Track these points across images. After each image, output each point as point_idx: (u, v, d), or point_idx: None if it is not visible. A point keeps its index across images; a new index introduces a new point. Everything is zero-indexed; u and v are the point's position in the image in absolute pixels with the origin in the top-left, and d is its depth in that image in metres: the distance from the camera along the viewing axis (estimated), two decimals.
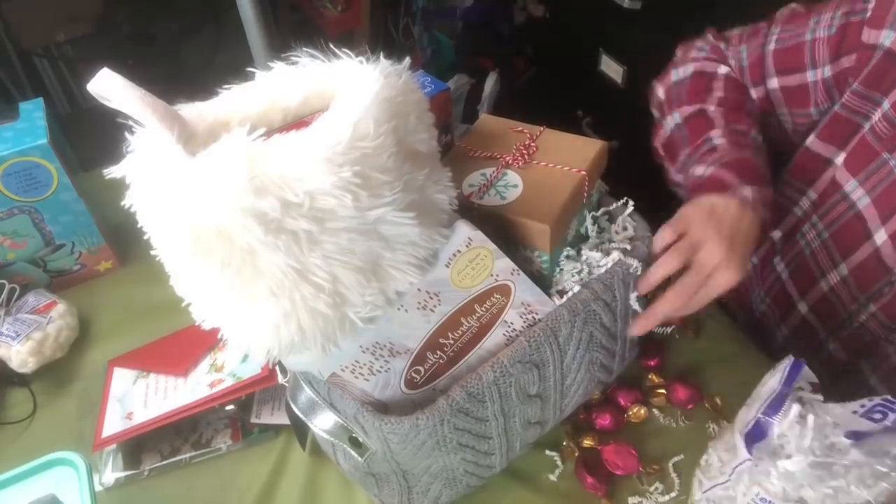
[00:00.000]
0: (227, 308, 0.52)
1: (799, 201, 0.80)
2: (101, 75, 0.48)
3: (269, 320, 0.51)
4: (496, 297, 0.61)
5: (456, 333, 0.61)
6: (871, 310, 0.72)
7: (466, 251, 0.59)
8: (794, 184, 0.81)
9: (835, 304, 0.76)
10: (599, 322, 0.65)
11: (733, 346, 0.83)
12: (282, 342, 0.52)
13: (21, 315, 0.88)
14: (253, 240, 0.47)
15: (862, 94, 0.70)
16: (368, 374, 0.58)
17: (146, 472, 0.76)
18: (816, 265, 0.77)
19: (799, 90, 0.78)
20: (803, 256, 0.79)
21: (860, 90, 0.70)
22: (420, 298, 0.58)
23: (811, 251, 0.78)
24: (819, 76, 0.75)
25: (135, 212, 0.51)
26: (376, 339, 0.58)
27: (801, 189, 0.79)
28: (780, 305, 0.85)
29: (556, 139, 0.71)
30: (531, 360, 0.61)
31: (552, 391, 0.66)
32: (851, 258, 0.73)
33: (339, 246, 0.50)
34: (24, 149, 0.86)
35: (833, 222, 0.74)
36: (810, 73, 0.76)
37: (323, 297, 0.50)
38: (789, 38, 0.78)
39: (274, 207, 0.46)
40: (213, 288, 0.51)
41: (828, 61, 0.73)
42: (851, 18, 0.71)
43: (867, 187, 0.70)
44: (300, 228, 0.47)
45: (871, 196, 0.70)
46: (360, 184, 0.48)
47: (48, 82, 2.23)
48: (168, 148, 0.49)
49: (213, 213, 0.46)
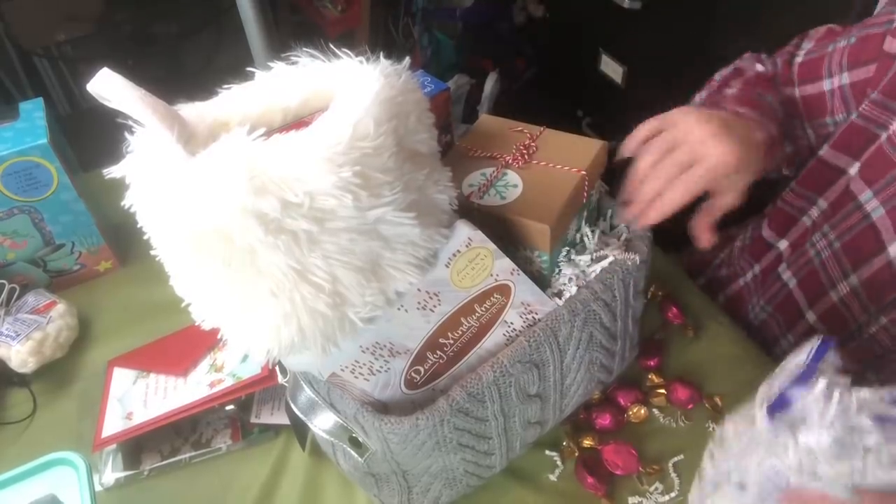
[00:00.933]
0: (226, 308, 0.52)
1: (808, 211, 0.79)
2: (100, 75, 0.48)
3: (269, 320, 0.51)
4: (496, 296, 0.61)
5: (456, 333, 0.61)
6: (881, 322, 0.71)
7: (466, 251, 0.59)
8: (804, 193, 0.80)
9: (844, 315, 0.75)
10: (599, 322, 0.65)
11: (733, 347, 0.83)
12: (282, 342, 0.52)
13: (21, 315, 0.88)
14: (253, 240, 0.47)
15: (880, 103, 0.69)
16: (368, 374, 0.58)
17: (146, 472, 0.76)
18: (826, 275, 0.76)
19: (816, 99, 0.78)
20: (813, 265, 0.78)
21: (879, 99, 0.70)
22: (420, 298, 0.58)
23: (821, 260, 0.76)
24: (836, 84, 0.75)
25: (134, 212, 0.51)
26: (376, 340, 0.58)
27: (812, 199, 0.79)
28: (785, 314, 0.84)
29: (556, 139, 0.71)
30: (531, 360, 0.61)
31: (552, 391, 0.66)
32: (863, 269, 0.71)
33: (339, 246, 0.50)
34: (24, 149, 0.86)
35: (846, 232, 0.73)
36: (826, 82, 0.76)
37: (323, 298, 0.50)
38: (816, 51, 0.79)
39: (274, 207, 0.46)
40: (213, 288, 0.51)
41: (846, 68, 0.73)
42: (873, 30, 0.71)
43: (882, 198, 0.69)
44: (300, 228, 0.47)
45: (885, 207, 0.68)
46: (361, 184, 0.48)
47: (48, 82, 2.23)
48: (168, 148, 0.49)
49: (213, 213, 0.46)
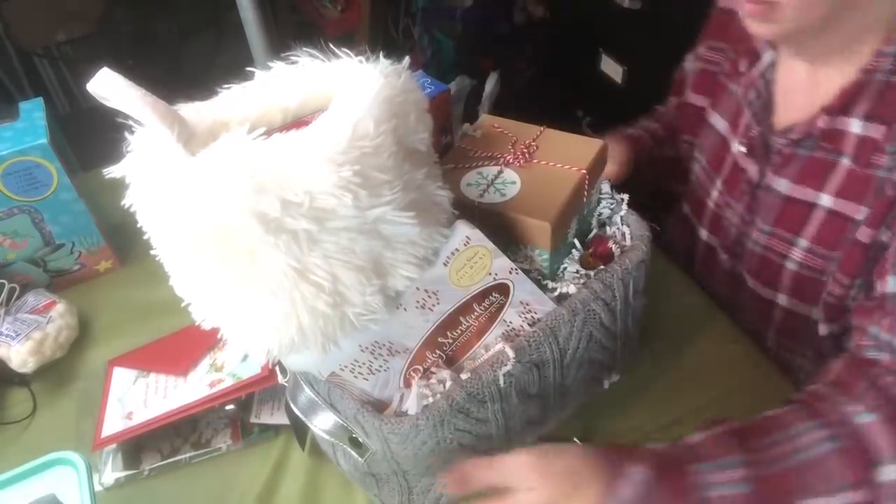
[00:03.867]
0: (226, 308, 0.52)
1: (692, 153, 0.92)
2: (100, 75, 0.48)
3: (269, 320, 0.51)
4: (495, 295, 0.61)
5: (455, 332, 0.61)
6: (738, 210, 0.81)
7: (465, 250, 0.59)
8: (687, 140, 0.94)
9: (720, 216, 0.86)
10: (599, 321, 0.65)
11: (733, 347, 0.83)
12: (282, 342, 0.52)
13: (21, 315, 0.88)
14: (253, 239, 0.47)
15: (714, 46, 0.88)
16: (367, 373, 0.58)
17: (146, 472, 0.76)
18: (703, 190, 0.89)
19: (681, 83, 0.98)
20: (695, 188, 0.91)
21: (711, 44, 0.88)
22: (419, 297, 0.58)
23: (699, 181, 0.90)
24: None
25: (134, 211, 0.51)
26: (375, 339, 0.58)
27: (690, 141, 0.93)
28: (687, 242, 0.96)
29: (556, 139, 0.71)
30: (531, 360, 0.61)
31: (552, 391, 0.66)
32: (721, 171, 0.85)
33: (339, 245, 0.50)
34: (24, 149, 0.86)
35: (707, 150, 0.88)
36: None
37: (323, 297, 0.50)
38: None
39: (274, 207, 0.46)
40: (213, 288, 0.51)
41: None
42: None
43: (724, 113, 0.85)
44: (300, 228, 0.47)
45: (726, 118, 0.84)
46: (360, 183, 0.48)
47: (48, 82, 2.23)
48: (168, 147, 0.49)
49: (214, 213, 0.46)
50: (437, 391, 0.58)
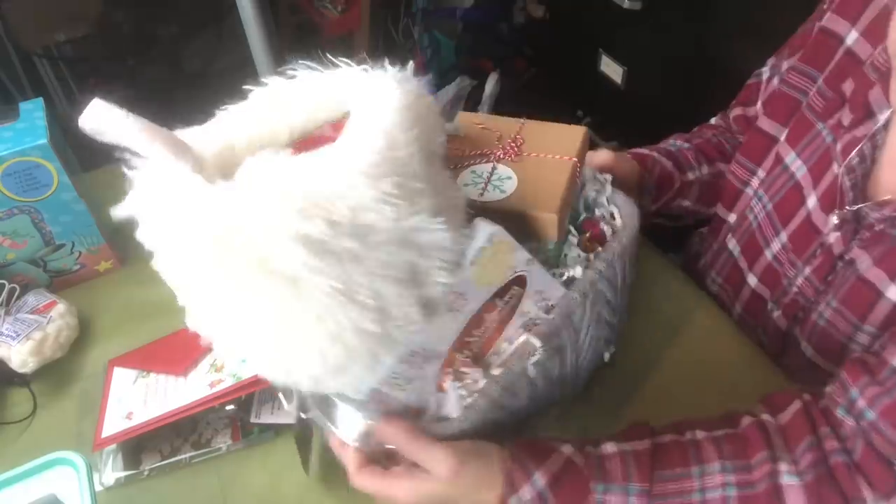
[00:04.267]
0: (261, 338, 0.50)
1: (750, 181, 0.84)
2: (92, 107, 0.44)
3: (314, 345, 0.48)
4: (515, 288, 0.61)
5: (480, 330, 0.60)
6: (805, 273, 0.74)
7: (490, 247, 0.58)
8: (746, 164, 0.85)
9: (778, 272, 0.79)
10: (605, 299, 0.67)
11: (734, 348, 0.83)
12: (328, 365, 0.50)
13: (21, 315, 0.88)
14: (297, 265, 0.44)
15: (800, 69, 0.77)
16: (405, 383, 0.57)
17: (146, 472, 0.76)
18: (762, 236, 0.81)
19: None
20: (751, 230, 0.83)
21: (798, 66, 0.77)
22: (449, 300, 0.57)
23: (758, 223, 0.81)
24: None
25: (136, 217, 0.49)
26: (412, 348, 0.56)
27: (752, 169, 0.84)
28: (732, 282, 0.88)
29: (540, 129, 0.72)
30: (552, 346, 0.62)
31: (569, 371, 0.68)
32: (790, 225, 0.76)
33: (379, 260, 0.47)
34: (24, 149, 0.86)
35: (776, 194, 0.78)
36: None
37: (369, 315, 0.48)
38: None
39: (319, 229, 0.43)
40: (247, 321, 0.49)
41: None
42: None
43: (804, 157, 0.75)
44: (342, 248, 0.45)
45: (807, 165, 0.74)
46: (398, 194, 0.46)
47: (48, 82, 2.23)
48: (184, 179, 0.45)
49: (254, 243, 0.43)
50: (473, 390, 0.59)
